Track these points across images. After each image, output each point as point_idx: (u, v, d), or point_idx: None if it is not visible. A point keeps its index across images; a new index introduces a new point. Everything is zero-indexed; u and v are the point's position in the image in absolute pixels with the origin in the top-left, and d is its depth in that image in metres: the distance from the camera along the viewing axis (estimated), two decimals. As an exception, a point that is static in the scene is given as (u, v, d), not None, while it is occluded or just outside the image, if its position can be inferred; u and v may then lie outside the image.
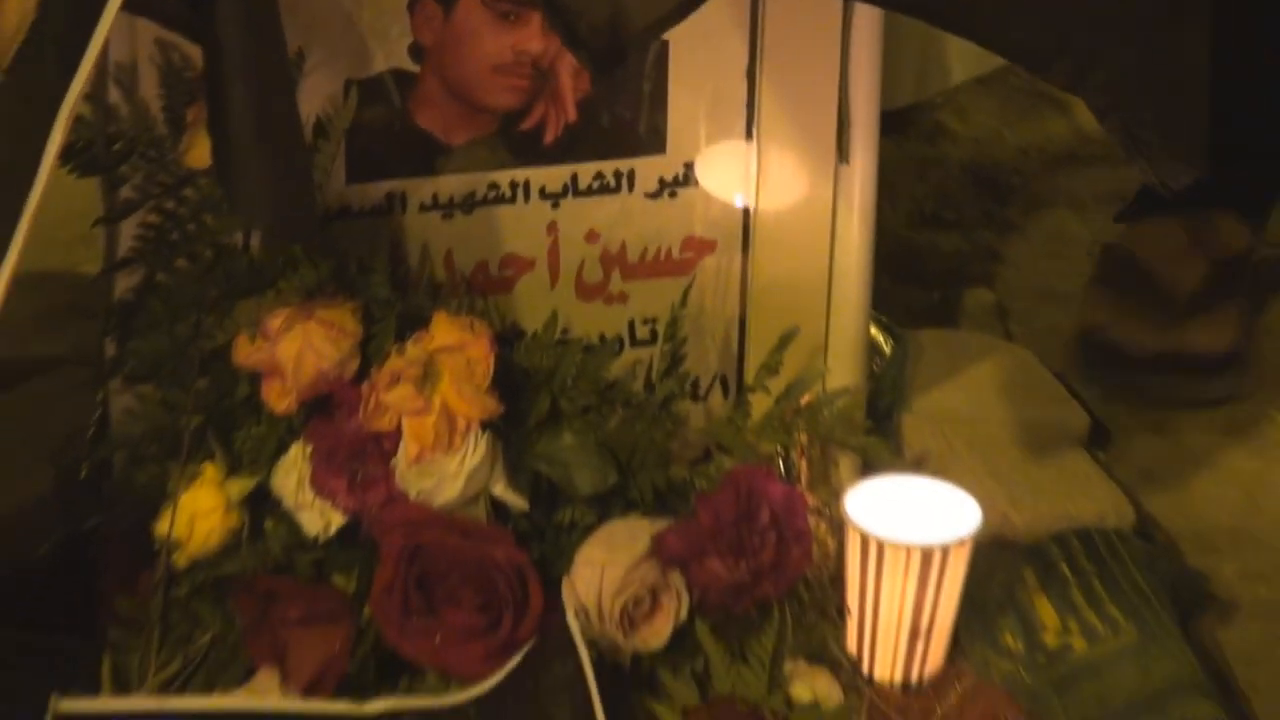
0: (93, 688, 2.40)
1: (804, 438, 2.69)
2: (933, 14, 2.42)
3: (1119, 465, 2.97)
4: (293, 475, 2.51)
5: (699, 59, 2.64)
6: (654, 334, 2.74)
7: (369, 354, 2.52)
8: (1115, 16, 2.36)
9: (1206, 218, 3.20)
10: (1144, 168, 2.60)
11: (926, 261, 3.28)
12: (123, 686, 2.41)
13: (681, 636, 2.49)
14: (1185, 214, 3.18)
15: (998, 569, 2.71)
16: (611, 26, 2.25)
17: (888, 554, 2.42)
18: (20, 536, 2.60)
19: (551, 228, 2.68)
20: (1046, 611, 2.73)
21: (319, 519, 2.51)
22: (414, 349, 2.50)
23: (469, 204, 2.65)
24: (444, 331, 2.50)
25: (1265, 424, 3.01)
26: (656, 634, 2.48)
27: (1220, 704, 2.63)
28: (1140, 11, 2.36)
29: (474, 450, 2.48)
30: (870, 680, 2.47)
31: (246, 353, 2.51)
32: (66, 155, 2.29)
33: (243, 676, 2.42)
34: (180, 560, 2.49)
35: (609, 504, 2.57)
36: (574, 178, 2.67)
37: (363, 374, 2.52)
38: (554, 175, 2.66)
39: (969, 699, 2.37)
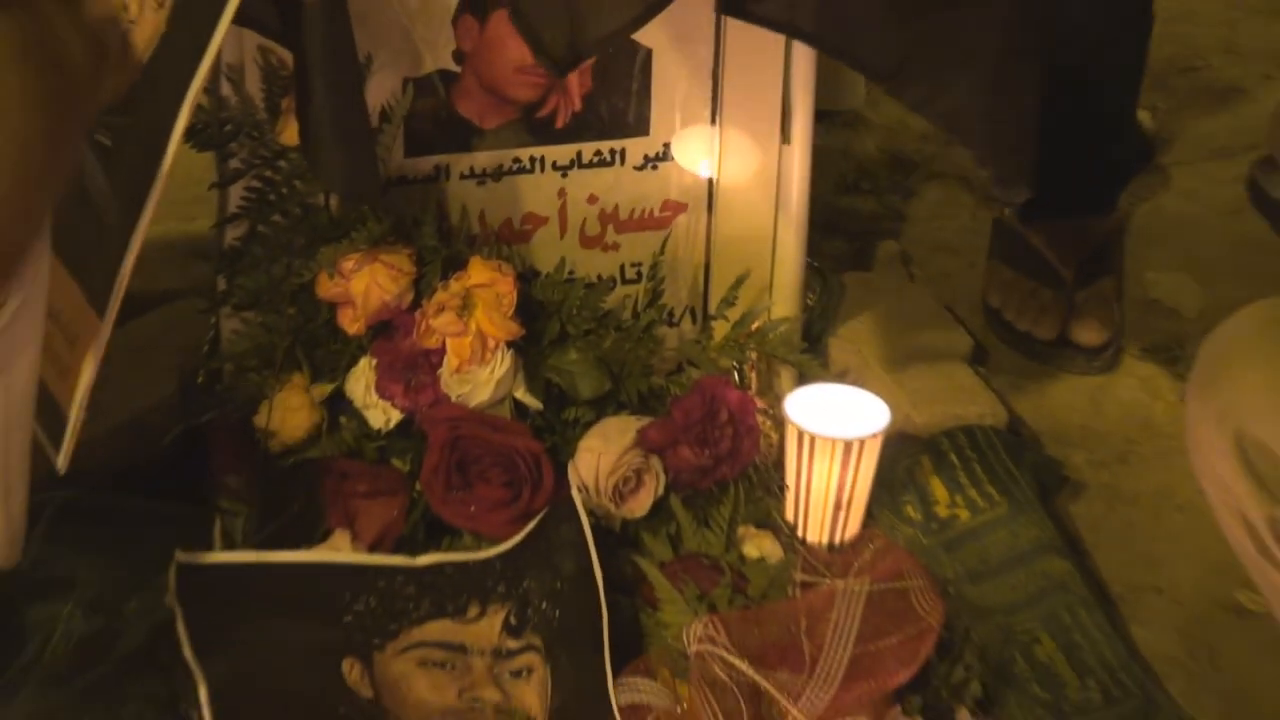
0: (206, 545, 2.41)
1: (754, 355, 2.70)
2: (813, 41, 2.46)
3: (994, 377, 2.98)
4: (361, 382, 2.54)
5: (674, 63, 2.64)
6: (639, 275, 2.75)
7: (420, 289, 2.54)
8: (957, 54, 2.39)
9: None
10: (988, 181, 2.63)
11: (848, 220, 3.29)
12: (230, 544, 2.42)
13: (659, 507, 2.52)
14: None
15: (902, 456, 2.72)
16: (570, 38, 2.30)
17: (818, 445, 2.44)
18: (151, 428, 2.60)
19: (561, 192, 2.68)
20: (939, 489, 2.76)
21: (381, 415, 2.54)
22: (455, 285, 2.52)
23: (498, 174, 2.65)
24: (478, 272, 2.52)
25: (1163, 397, 3.02)
26: (640, 505, 2.51)
27: (1070, 560, 2.65)
28: (980, 50, 2.38)
29: (501, 363, 2.51)
30: (804, 541, 2.47)
31: (326, 287, 2.53)
32: (189, 135, 2.30)
33: (321, 537, 2.43)
34: (274, 446, 2.52)
35: (604, 405, 2.59)
36: (579, 154, 2.68)
37: (415, 304, 2.54)
38: (563, 152, 2.67)
39: (879, 556, 2.38)
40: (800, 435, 2.46)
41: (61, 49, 2.01)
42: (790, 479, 2.48)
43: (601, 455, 2.50)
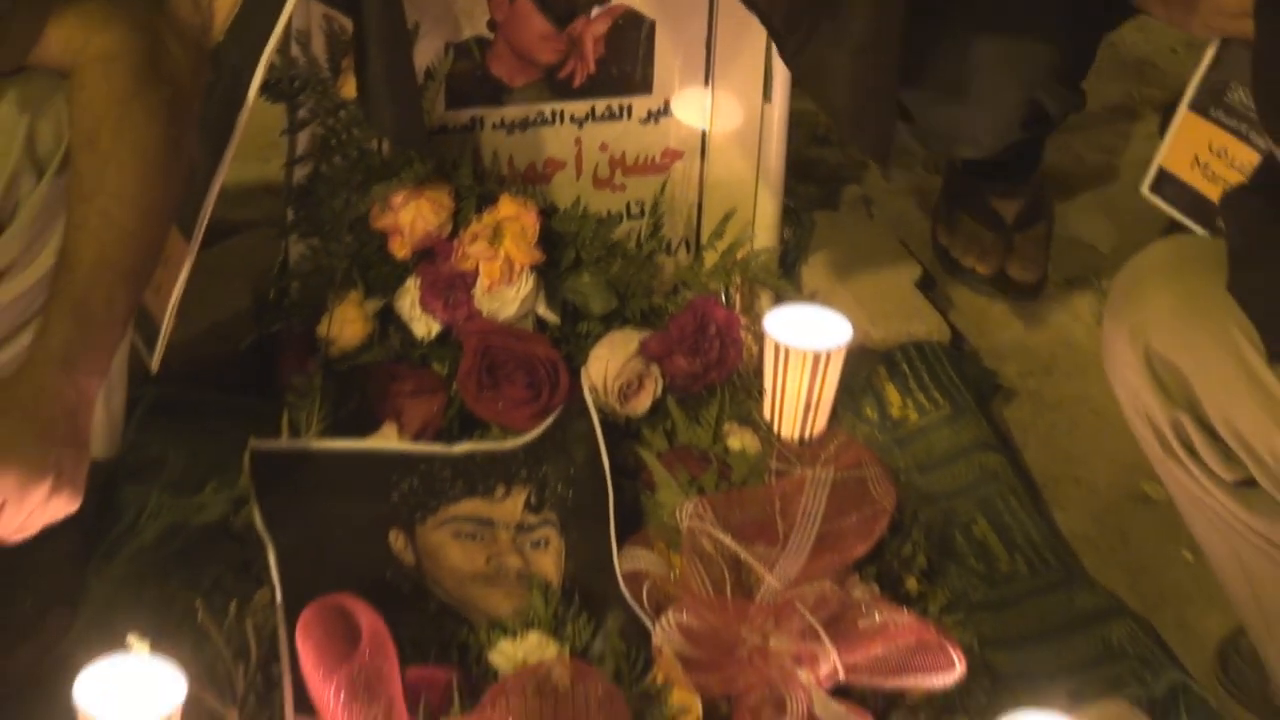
0: (275, 434, 2.41)
1: (738, 280, 2.70)
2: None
3: (939, 300, 2.98)
4: (408, 299, 2.54)
5: (674, 33, 2.63)
6: (642, 211, 2.73)
7: (458, 221, 2.54)
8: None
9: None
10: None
11: (818, 168, 3.27)
12: (295, 434, 2.42)
13: (657, 406, 2.52)
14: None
15: (861, 366, 2.72)
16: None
17: (791, 356, 2.42)
18: (229, 335, 2.60)
19: (577, 141, 2.66)
20: (892, 394, 2.76)
21: (424, 327, 2.54)
22: (487, 218, 2.52)
23: (524, 125, 2.64)
24: (506, 207, 2.52)
25: (1083, 319, 3.02)
26: (641, 404, 2.50)
27: (1003, 455, 2.67)
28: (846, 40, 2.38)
29: (525, 284, 2.51)
30: (778, 436, 2.47)
31: (378, 219, 2.53)
32: (263, 89, 2.28)
33: (372, 428, 2.44)
34: (334, 352, 2.51)
35: (611, 320, 2.59)
36: (592, 109, 2.66)
37: (454, 234, 2.53)
38: (579, 107, 2.65)
39: (842, 449, 2.37)
40: (776, 347, 2.44)
41: (174, 64, 2.02)
42: (768, 384, 2.47)
43: (609, 362, 2.50)
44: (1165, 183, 2.51)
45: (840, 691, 2.07)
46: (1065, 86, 2.80)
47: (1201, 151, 2.48)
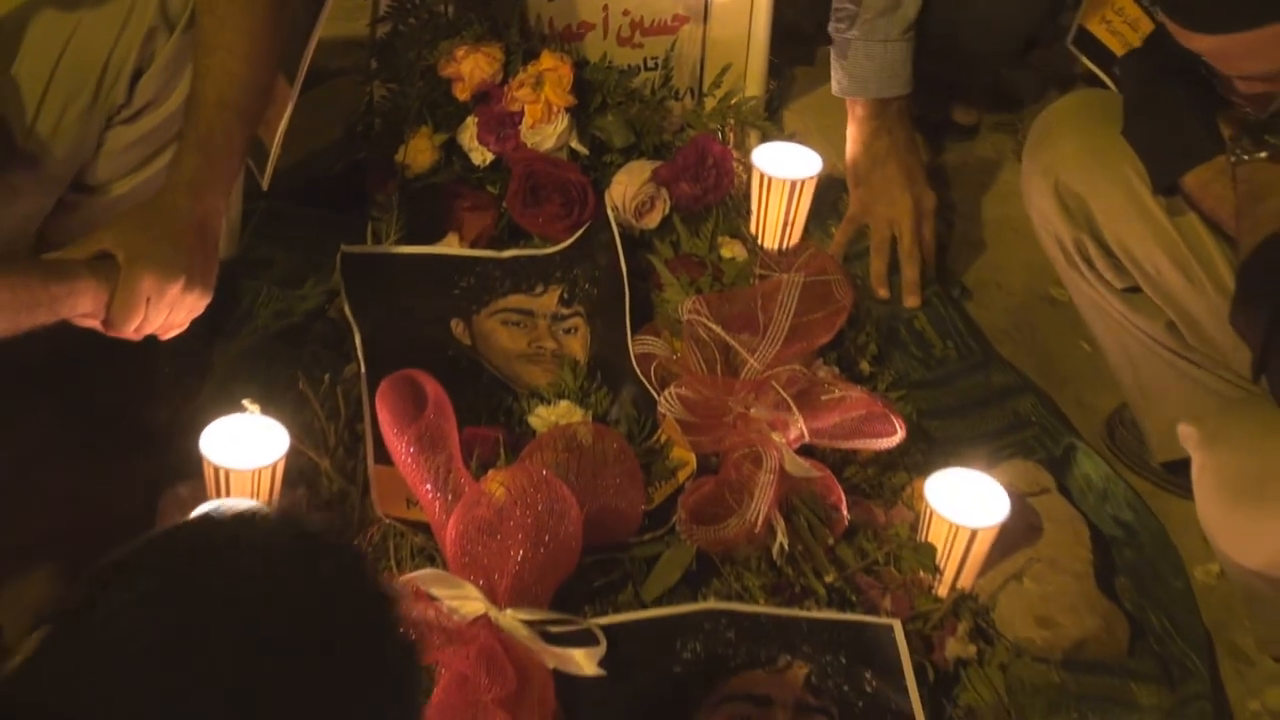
0: (361, 241, 2.41)
1: (732, 122, 2.67)
2: None
3: None
4: (468, 132, 2.51)
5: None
6: (656, 65, 2.69)
7: (508, 71, 2.51)
8: None
9: None
10: None
11: (797, 33, 3.20)
12: (377, 240, 2.41)
13: (665, 222, 2.51)
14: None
15: (829, 192, 2.68)
16: None
17: (774, 183, 2.41)
18: (325, 161, 2.59)
19: (605, 8, 2.62)
20: None
21: (480, 156, 2.51)
22: (532, 69, 2.49)
23: (564, -4, 2.61)
24: (547, 60, 2.49)
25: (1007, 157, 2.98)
26: (653, 220, 2.49)
27: (940, 264, 2.67)
28: None
29: (561, 123, 2.48)
30: (761, 247, 2.47)
31: (444, 68, 2.50)
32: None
33: (439, 238, 2.43)
34: (408, 175, 2.49)
35: (629, 153, 2.56)
36: (616, -17, 2.63)
37: (504, 81, 2.50)
38: (606, -17, 2.62)
39: (811, 258, 2.34)
40: (761, 176, 2.43)
41: None
42: (754, 205, 2.47)
43: (627, 186, 2.48)
44: (1084, 38, 2.47)
45: (805, 450, 2.10)
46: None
47: (1112, 15, 2.44)
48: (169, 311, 1.85)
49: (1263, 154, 1.94)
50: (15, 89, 1.96)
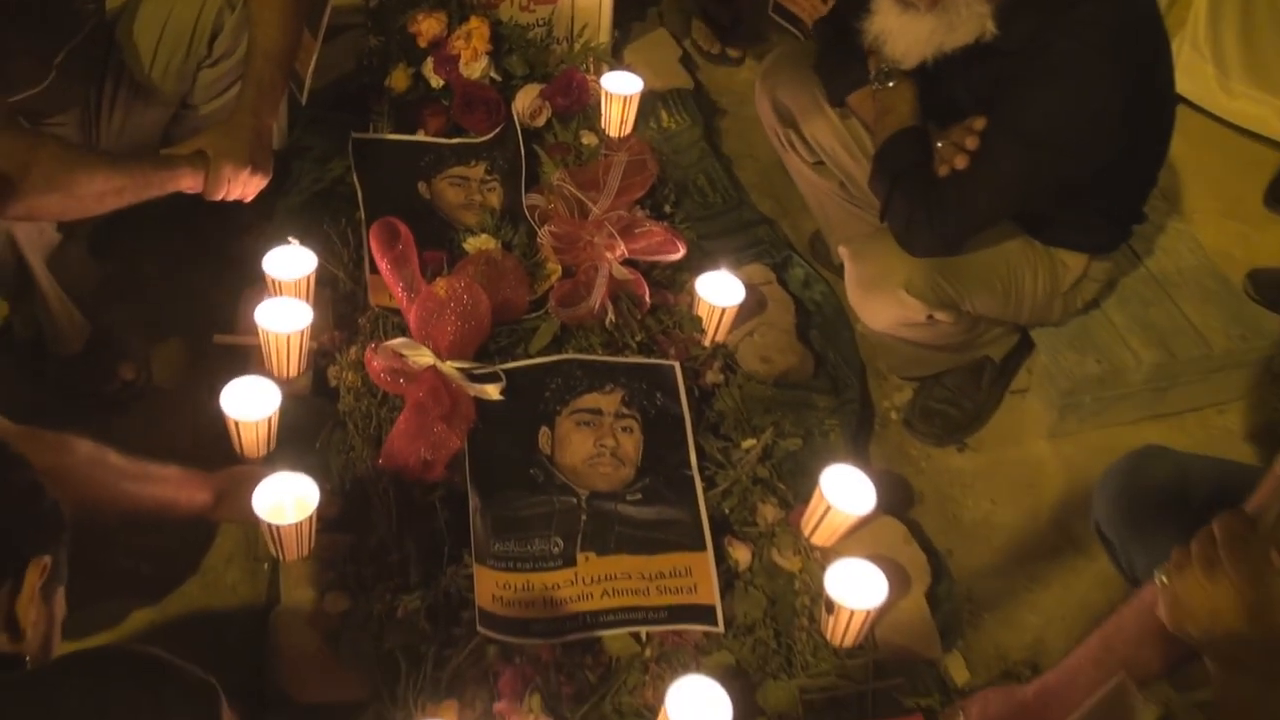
0: (366, 131, 2.34)
1: (591, 59, 2.58)
2: None
3: (691, 66, 2.84)
4: (427, 67, 2.44)
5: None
6: (545, 23, 2.59)
7: (450, 28, 2.44)
8: None
9: None
10: None
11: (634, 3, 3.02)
12: (375, 131, 2.35)
13: (548, 123, 2.41)
14: None
15: (648, 103, 2.55)
16: None
17: (614, 97, 2.36)
18: (342, 85, 2.48)
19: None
20: (664, 115, 2.62)
21: (435, 82, 2.43)
22: (465, 27, 2.43)
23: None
24: (474, 22, 2.43)
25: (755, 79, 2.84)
26: (540, 121, 2.41)
27: (712, 143, 2.60)
28: None
29: (484, 60, 2.43)
30: (606, 136, 2.40)
31: (412, 25, 2.44)
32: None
33: (412, 131, 2.34)
34: (393, 93, 2.41)
35: (527, 79, 2.48)
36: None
37: (449, 34, 2.43)
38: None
39: (635, 144, 2.32)
40: (605, 93, 2.38)
41: None
42: (602, 111, 2.41)
43: (525, 100, 2.42)
44: (779, 8, 2.35)
45: (627, 263, 2.11)
46: None
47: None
48: (243, 186, 1.87)
49: (891, 84, 1.98)
50: (136, 49, 1.93)
